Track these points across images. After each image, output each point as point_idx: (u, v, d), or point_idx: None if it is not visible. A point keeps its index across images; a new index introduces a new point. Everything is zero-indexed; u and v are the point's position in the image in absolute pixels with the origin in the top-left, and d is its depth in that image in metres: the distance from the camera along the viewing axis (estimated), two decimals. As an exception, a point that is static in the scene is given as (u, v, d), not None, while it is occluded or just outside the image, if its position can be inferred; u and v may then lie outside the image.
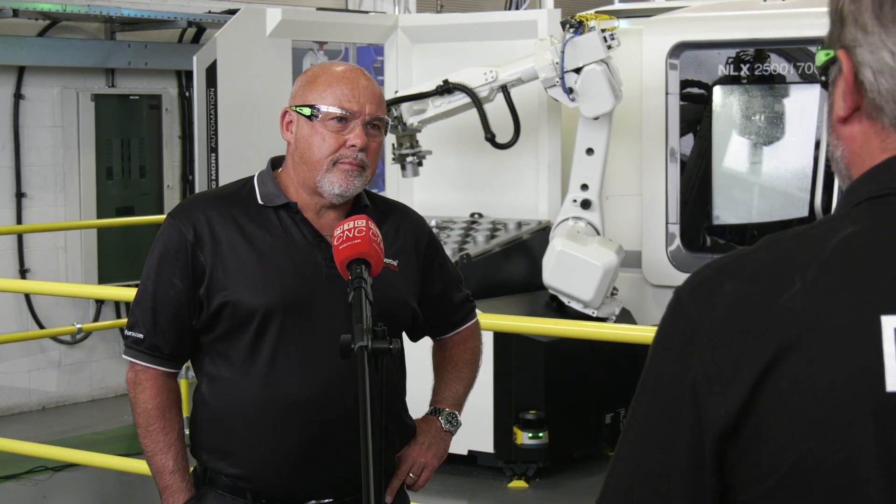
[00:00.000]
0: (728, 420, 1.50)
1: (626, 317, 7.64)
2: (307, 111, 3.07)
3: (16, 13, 8.71)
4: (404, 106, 7.47)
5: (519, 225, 7.85)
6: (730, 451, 1.51)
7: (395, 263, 3.13)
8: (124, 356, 3.17)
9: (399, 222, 3.24)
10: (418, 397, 3.42)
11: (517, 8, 9.80)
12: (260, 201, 3.13)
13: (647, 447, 1.57)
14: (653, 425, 1.56)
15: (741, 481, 1.52)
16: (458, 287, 3.41)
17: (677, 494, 1.54)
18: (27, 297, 9.16)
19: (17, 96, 9.08)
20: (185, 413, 3.32)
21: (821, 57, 1.61)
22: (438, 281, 3.32)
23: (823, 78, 1.64)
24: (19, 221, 9.10)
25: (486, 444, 7.23)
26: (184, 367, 3.27)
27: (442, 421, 3.35)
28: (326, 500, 3.10)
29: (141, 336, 3.11)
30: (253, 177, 3.20)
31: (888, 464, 1.45)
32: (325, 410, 3.02)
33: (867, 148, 1.57)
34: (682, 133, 7.96)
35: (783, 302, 1.49)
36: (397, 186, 8.31)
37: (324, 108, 3.05)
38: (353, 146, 3.04)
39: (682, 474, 1.53)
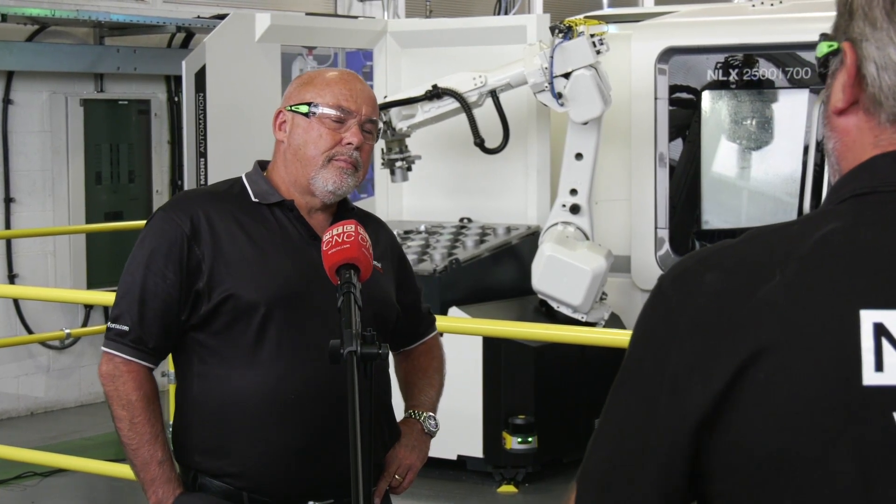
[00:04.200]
0: (706, 409, 1.51)
1: (615, 321, 7.65)
2: (304, 108, 3.10)
3: (4, 18, 8.71)
4: (393, 111, 7.47)
5: (508, 230, 7.85)
6: (706, 441, 1.52)
7: (380, 266, 3.15)
8: (104, 348, 3.09)
9: (377, 230, 3.26)
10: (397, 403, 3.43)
11: (506, 13, 9.81)
12: (254, 199, 3.14)
13: (625, 432, 1.57)
14: (632, 411, 1.57)
15: (715, 471, 1.53)
16: (421, 299, 3.46)
17: (652, 480, 1.54)
18: (16, 302, 9.15)
19: (6, 101, 9.06)
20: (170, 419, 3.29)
21: (823, 48, 1.61)
22: (409, 292, 3.37)
23: (822, 70, 1.64)
24: (8, 226, 9.09)
25: (475, 449, 7.23)
26: (159, 363, 3.22)
27: (423, 423, 3.36)
28: (328, 501, 3.09)
29: (126, 328, 3.07)
30: (240, 177, 3.21)
31: (860, 458, 1.46)
32: (326, 405, 3.02)
33: (860, 142, 1.58)
34: (671, 138, 7.97)
35: (762, 295, 1.50)
36: (386, 191, 8.31)
37: (321, 106, 3.08)
38: (349, 144, 3.08)
39: (659, 459, 1.54)
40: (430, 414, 3.39)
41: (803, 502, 1.48)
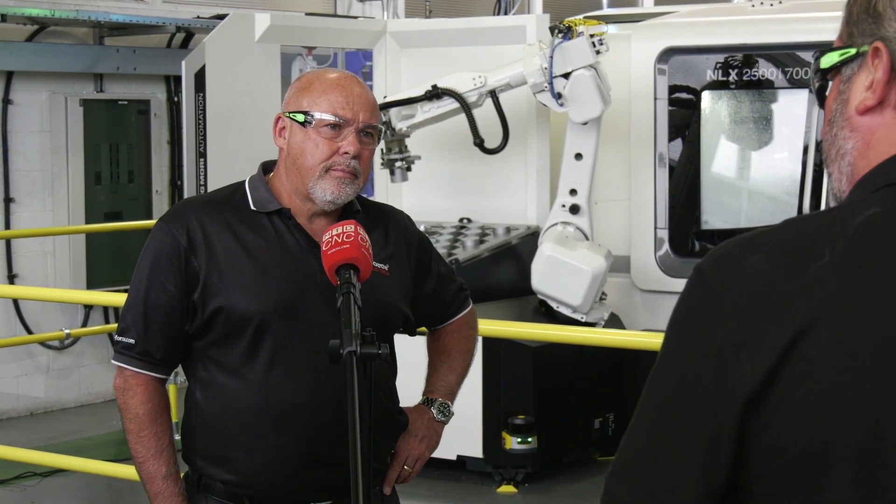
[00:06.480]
0: (754, 386, 1.51)
1: (614, 322, 7.65)
2: (301, 117, 3.06)
3: (4, 18, 8.71)
4: (393, 111, 7.47)
5: (508, 230, 7.85)
6: (753, 420, 1.53)
7: (385, 268, 3.13)
8: (114, 361, 3.14)
9: (389, 226, 3.24)
10: (411, 394, 3.42)
11: (506, 13, 9.81)
12: (252, 207, 3.12)
13: (666, 417, 1.58)
14: (674, 396, 1.58)
15: (762, 451, 1.53)
16: (450, 279, 3.41)
17: (696, 463, 1.55)
18: (15, 302, 9.14)
19: (6, 101, 9.06)
20: (175, 419, 3.31)
21: (833, 57, 1.63)
22: (431, 280, 3.33)
23: (822, 81, 1.66)
24: (7, 226, 9.09)
25: (474, 449, 7.22)
26: (172, 373, 3.25)
27: (434, 411, 3.36)
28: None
29: (132, 341, 3.09)
30: (244, 182, 3.18)
31: None
32: (322, 414, 3.02)
33: (886, 139, 1.60)
34: (671, 138, 7.97)
35: (812, 272, 1.52)
36: (386, 191, 8.31)
37: (317, 115, 3.04)
38: (346, 153, 3.03)
39: (704, 441, 1.54)
40: (444, 401, 3.37)
41: (855, 478, 1.49)
